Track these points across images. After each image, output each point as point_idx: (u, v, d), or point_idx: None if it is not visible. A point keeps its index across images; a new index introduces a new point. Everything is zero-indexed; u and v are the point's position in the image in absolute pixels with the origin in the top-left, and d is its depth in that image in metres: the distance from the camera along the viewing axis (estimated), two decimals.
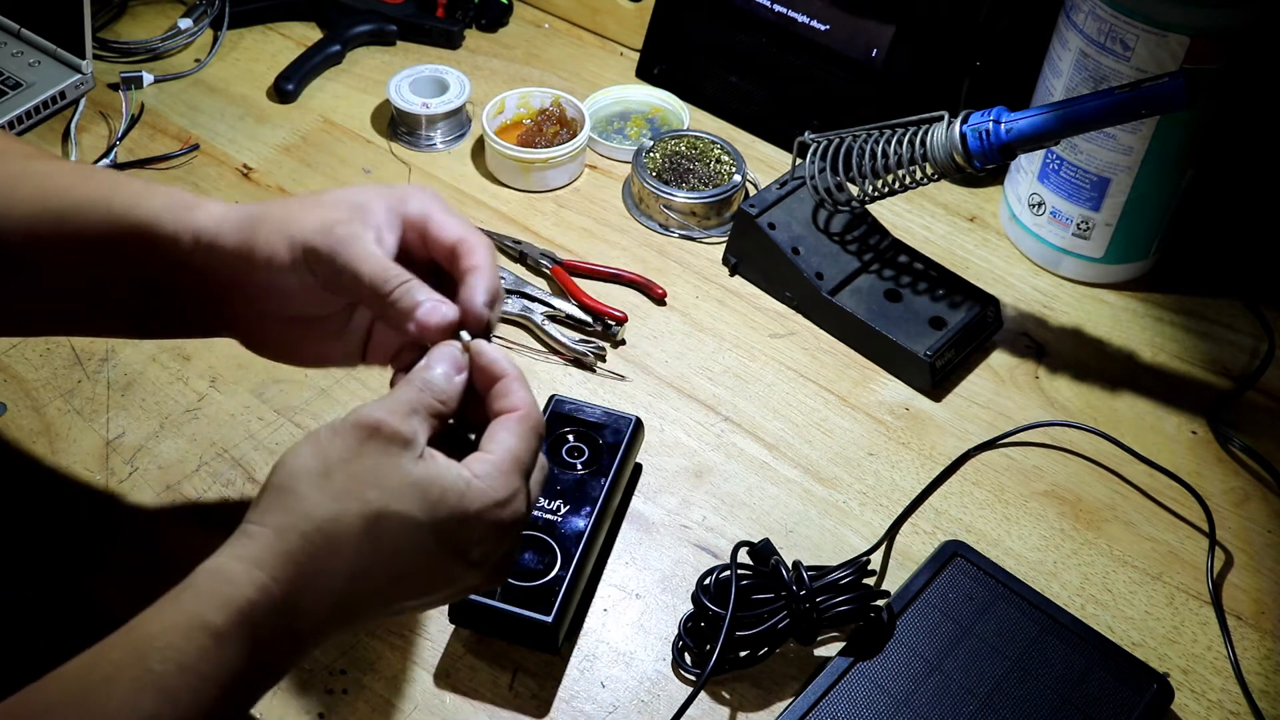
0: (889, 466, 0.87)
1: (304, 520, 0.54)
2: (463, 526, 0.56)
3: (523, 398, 0.60)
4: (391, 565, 0.56)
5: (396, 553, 0.55)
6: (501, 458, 0.58)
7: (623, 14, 1.20)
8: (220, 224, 0.64)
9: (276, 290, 0.64)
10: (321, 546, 0.54)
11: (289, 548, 0.54)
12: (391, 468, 0.55)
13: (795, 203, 0.98)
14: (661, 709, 0.73)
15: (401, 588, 0.57)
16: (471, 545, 0.57)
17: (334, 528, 0.54)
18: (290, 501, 0.55)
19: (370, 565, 0.55)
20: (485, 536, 0.57)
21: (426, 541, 0.56)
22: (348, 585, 0.55)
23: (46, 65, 1.10)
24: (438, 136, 1.09)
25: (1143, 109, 0.81)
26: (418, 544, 0.56)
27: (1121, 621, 0.79)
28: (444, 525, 0.56)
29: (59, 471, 0.82)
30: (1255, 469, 0.88)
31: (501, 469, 0.57)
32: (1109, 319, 0.99)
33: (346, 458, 0.56)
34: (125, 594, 0.76)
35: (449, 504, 0.56)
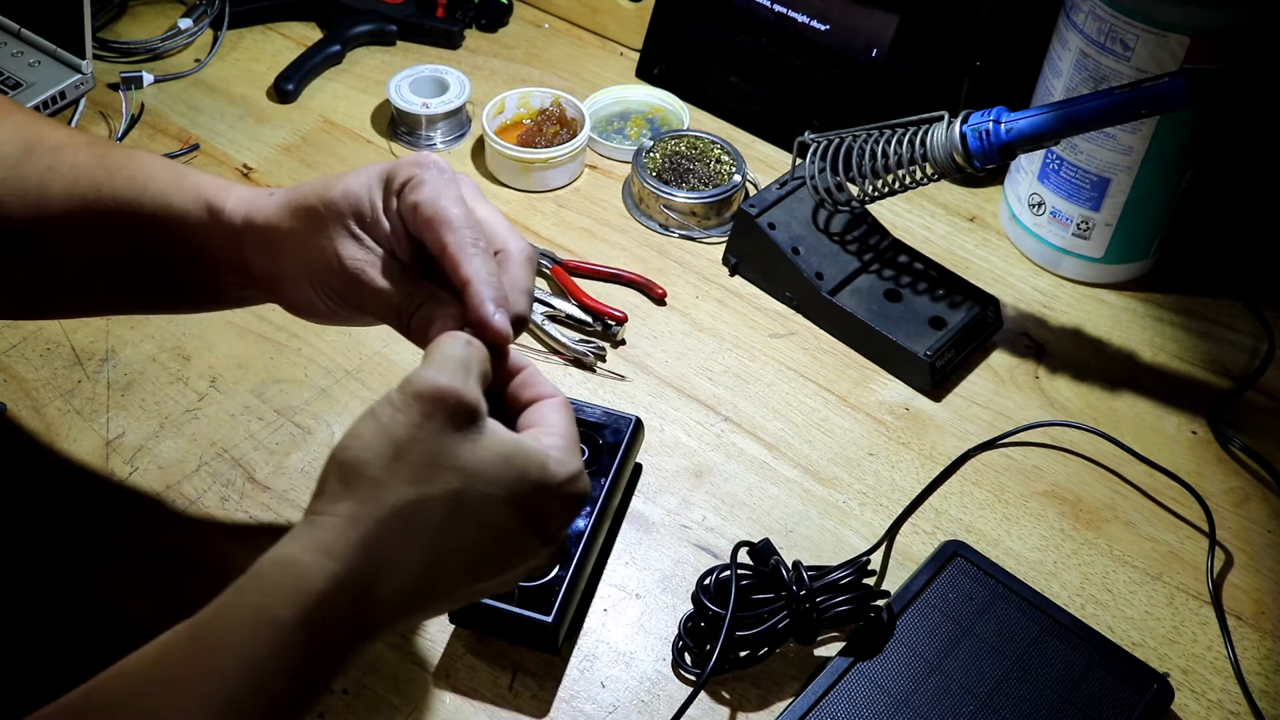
0: (889, 466, 0.87)
1: (379, 506, 0.52)
2: (546, 499, 0.55)
3: (552, 386, 0.60)
4: (473, 547, 0.54)
5: (480, 532, 0.54)
6: (563, 435, 0.57)
7: (623, 14, 1.20)
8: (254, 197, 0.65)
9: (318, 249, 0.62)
10: (399, 532, 0.52)
11: (363, 535, 0.51)
12: (467, 443, 0.53)
13: (795, 203, 0.98)
14: (661, 709, 0.73)
15: (481, 568, 0.55)
16: (550, 519, 0.56)
17: (412, 512, 0.52)
18: (362, 487, 0.52)
19: (451, 548, 0.53)
20: (563, 510, 0.57)
21: (511, 519, 0.54)
22: (427, 570, 0.53)
23: (46, 65, 1.10)
24: (438, 136, 1.09)
25: (1143, 109, 0.81)
26: (501, 522, 0.54)
27: (1121, 621, 0.79)
28: (528, 500, 0.54)
29: (59, 472, 0.82)
30: (1255, 469, 0.88)
31: (567, 446, 0.57)
32: (1109, 319, 0.99)
33: (417, 436, 0.52)
34: (126, 593, 0.76)
35: (531, 478, 0.54)
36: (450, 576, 0.54)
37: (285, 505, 0.81)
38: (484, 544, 0.54)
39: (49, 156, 0.68)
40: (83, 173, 0.67)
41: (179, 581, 0.77)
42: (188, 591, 0.76)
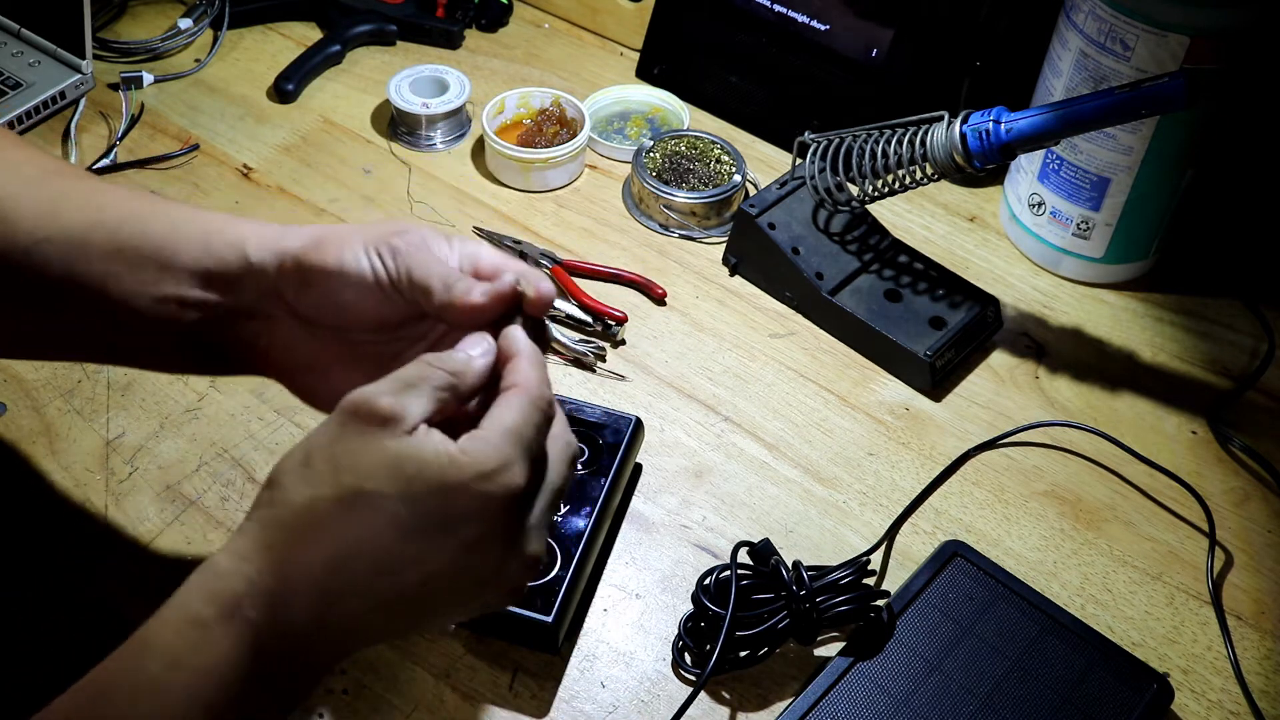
0: (889, 466, 0.87)
1: (283, 509, 0.53)
2: (444, 502, 0.53)
3: (525, 374, 0.57)
4: (371, 548, 0.53)
5: (373, 533, 0.52)
6: (491, 429, 0.54)
7: (623, 14, 1.20)
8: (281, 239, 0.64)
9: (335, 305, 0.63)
10: (299, 535, 0.52)
11: (270, 539, 0.53)
12: (368, 447, 0.53)
13: (795, 203, 0.98)
14: (661, 709, 0.73)
15: (391, 574, 0.53)
16: (458, 522, 0.53)
17: (310, 514, 0.52)
18: (273, 493, 0.54)
19: (349, 550, 0.52)
20: (473, 512, 0.53)
21: (403, 518, 0.52)
22: (331, 571, 0.52)
23: (46, 65, 1.10)
24: (438, 136, 1.09)
25: (1143, 109, 0.81)
26: (394, 522, 0.52)
27: (1121, 621, 0.79)
28: (421, 502, 0.52)
29: (59, 471, 0.82)
30: (1255, 469, 0.88)
31: (490, 441, 0.54)
32: (1109, 319, 0.99)
33: (326, 443, 0.54)
34: (126, 594, 0.76)
35: (425, 478, 0.52)
36: (360, 582, 0.53)
37: None
38: (384, 548, 0.53)
39: (67, 182, 0.67)
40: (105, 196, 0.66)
41: (179, 582, 0.77)
42: None
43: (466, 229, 1.02)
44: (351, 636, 0.55)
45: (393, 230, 0.62)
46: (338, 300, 0.62)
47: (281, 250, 0.63)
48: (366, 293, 0.62)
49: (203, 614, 0.52)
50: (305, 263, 0.62)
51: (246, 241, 0.64)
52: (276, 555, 0.52)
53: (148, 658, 0.51)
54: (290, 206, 1.03)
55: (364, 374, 0.59)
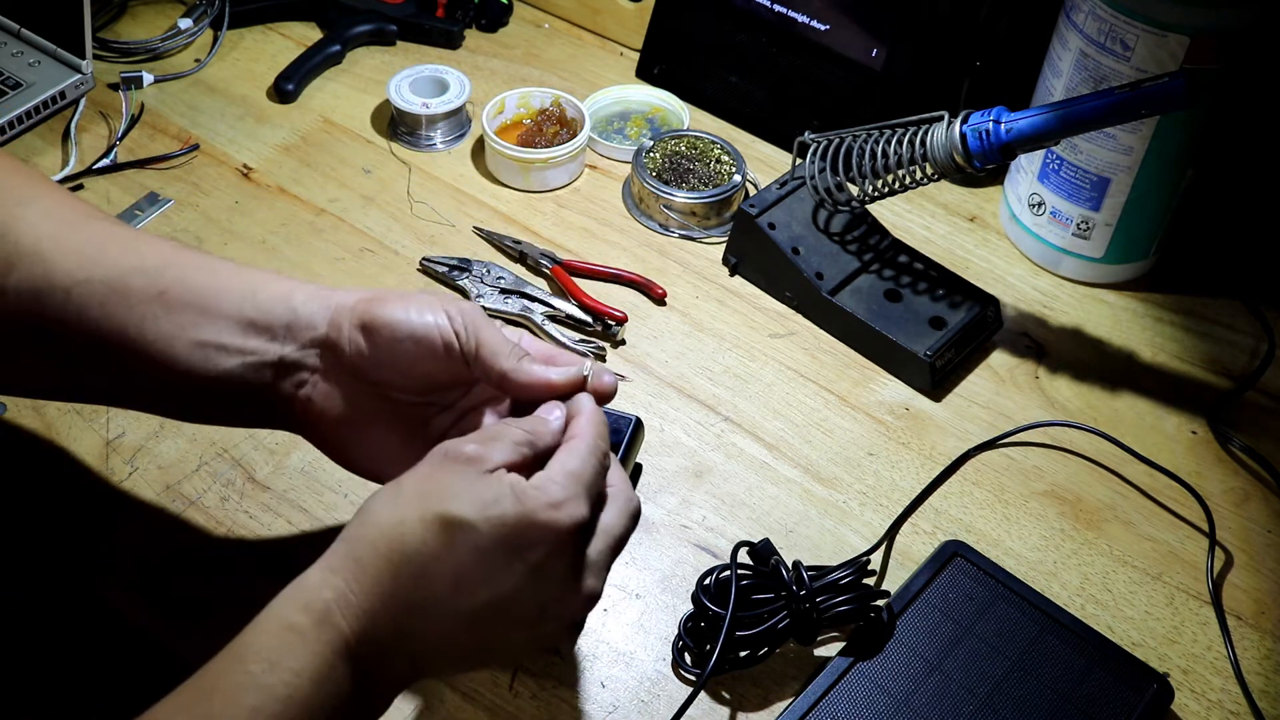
0: (889, 466, 0.87)
1: (371, 529, 0.58)
2: (517, 528, 0.58)
3: (585, 428, 0.63)
4: (452, 567, 0.57)
5: (454, 553, 0.57)
6: (556, 471, 0.60)
7: (623, 14, 1.20)
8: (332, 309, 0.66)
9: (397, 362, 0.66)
10: (385, 553, 0.57)
11: (358, 553, 0.58)
12: (454, 479, 0.59)
13: (795, 203, 0.98)
14: (661, 709, 0.73)
15: (468, 593, 0.58)
16: (528, 546, 0.58)
17: (396, 533, 0.57)
18: (363, 517, 0.59)
19: (432, 567, 0.57)
20: (541, 538, 0.58)
21: (483, 542, 0.57)
22: (414, 587, 0.57)
23: (46, 65, 1.10)
24: (438, 136, 1.09)
25: (1143, 109, 0.81)
26: (474, 545, 0.57)
27: (1121, 621, 0.79)
28: (500, 528, 0.58)
29: (59, 471, 0.82)
30: (1255, 469, 0.88)
31: (555, 479, 0.60)
32: (1109, 319, 0.99)
33: (418, 477, 0.60)
34: (126, 594, 0.76)
35: (502, 506, 0.58)
36: (439, 596, 0.58)
37: (285, 505, 0.81)
38: (462, 564, 0.58)
39: (106, 225, 0.68)
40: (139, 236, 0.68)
41: (179, 581, 0.77)
42: (187, 592, 0.77)
43: (466, 229, 1.02)
44: (426, 655, 0.60)
45: (453, 297, 0.67)
46: (396, 352, 0.65)
47: (335, 304, 0.67)
48: (427, 350, 0.65)
49: (297, 621, 0.56)
50: (373, 312, 0.65)
51: (294, 294, 0.67)
52: (364, 569, 0.57)
53: (248, 660, 0.56)
54: (290, 206, 1.03)
55: (400, 434, 0.68)
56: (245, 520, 0.80)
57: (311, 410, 0.68)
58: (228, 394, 0.67)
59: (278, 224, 1.01)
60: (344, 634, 0.56)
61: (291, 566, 0.78)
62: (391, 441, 0.68)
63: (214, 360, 0.66)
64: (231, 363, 0.66)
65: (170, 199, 1.02)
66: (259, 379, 0.66)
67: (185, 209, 1.02)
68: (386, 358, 0.65)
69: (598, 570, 0.61)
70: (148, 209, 1.01)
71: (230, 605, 0.76)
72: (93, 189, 1.03)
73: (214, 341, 0.66)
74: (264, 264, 0.97)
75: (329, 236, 1.00)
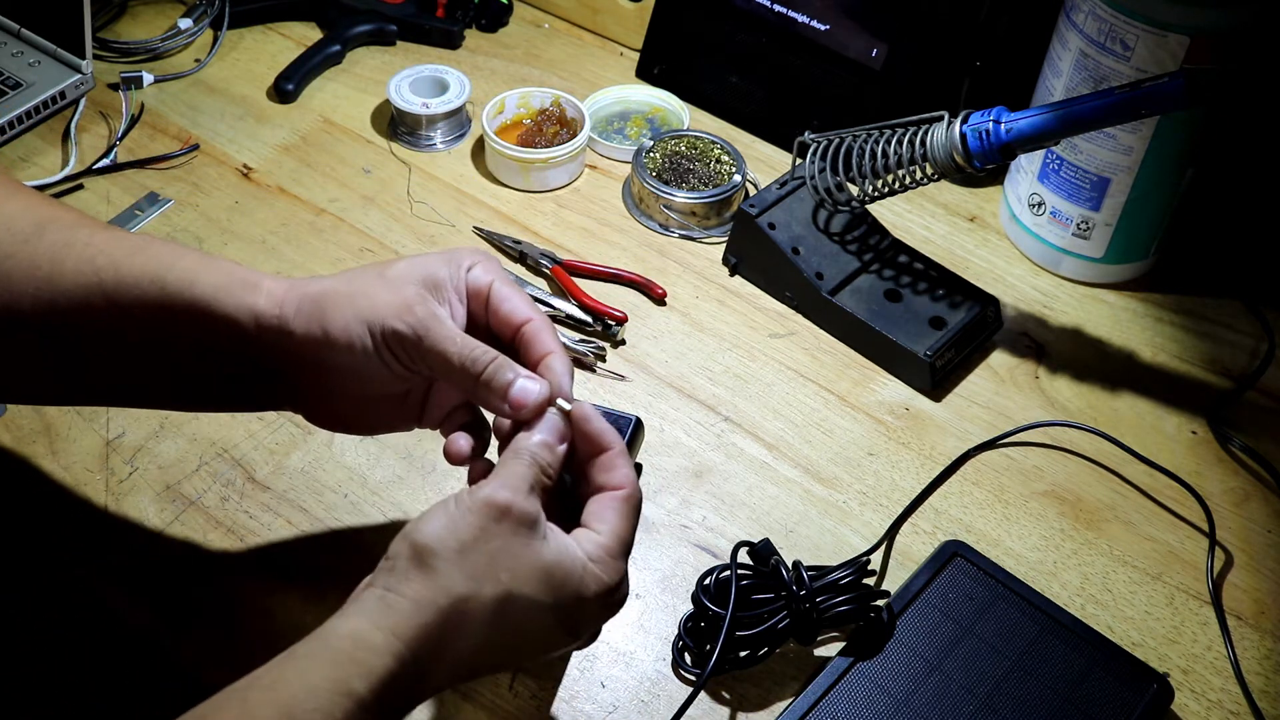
0: (889, 466, 0.87)
1: (442, 595, 0.57)
2: (579, 608, 0.61)
3: (626, 475, 0.64)
4: (513, 640, 0.60)
5: (519, 631, 0.59)
6: (612, 542, 0.62)
7: (623, 14, 1.20)
8: (283, 306, 0.64)
9: (349, 368, 0.65)
10: (454, 621, 0.57)
11: (426, 620, 0.57)
12: (522, 550, 0.59)
13: (795, 203, 0.98)
14: (661, 709, 0.73)
15: (516, 656, 0.63)
16: (583, 624, 0.62)
17: (468, 605, 0.58)
18: (430, 575, 0.57)
19: (495, 640, 0.59)
20: (598, 616, 0.62)
21: (547, 620, 0.60)
22: (472, 657, 0.59)
23: (46, 65, 1.10)
24: (438, 136, 1.09)
25: (1143, 109, 0.81)
26: (540, 624, 0.60)
27: (1121, 621, 0.79)
28: (564, 607, 0.60)
29: (59, 471, 0.82)
30: (1255, 469, 0.88)
31: (612, 553, 0.62)
32: (1109, 319, 0.99)
33: (481, 537, 0.58)
34: (125, 594, 0.76)
35: (570, 589, 0.60)
36: (490, 662, 0.61)
37: (285, 505, 0.81)
38: (524, 639, 0.60)
39: (64, 233, 0.66)
40: (100, 249, 0.65)
41: (178, 582, 0.77)
42: (187, 592, 0.77)
43: (466, 229, 1.02)
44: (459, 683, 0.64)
45: (394, 311, 0.64)
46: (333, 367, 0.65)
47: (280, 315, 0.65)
48: (369, 368, 0.65)
49: (358, 690, 0.54)
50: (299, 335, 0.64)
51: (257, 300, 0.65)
52: (430, 638, 0.57)
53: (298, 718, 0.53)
54: (290, 206, 1.03)
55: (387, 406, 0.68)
56: (245, 520, 0.80)
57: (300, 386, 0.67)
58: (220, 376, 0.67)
59: (278, 224, 1.01)
60: (399, 700, 0.57)
61: (291, 566, 0.79)
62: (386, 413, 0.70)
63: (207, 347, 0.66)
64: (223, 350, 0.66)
65: (170, 199, 1.02)
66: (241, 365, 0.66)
67: (185, 209, 1.02)
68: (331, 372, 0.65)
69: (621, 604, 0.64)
70: (148, 209, 1.01)
71: (230, 606, 0.76)
72: (93, 189, 1.03)
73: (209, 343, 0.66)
74: (264, 264, 0.97)
75: (329, 236, 1.00)
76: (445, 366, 0.63)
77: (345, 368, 0.64)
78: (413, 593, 0.57)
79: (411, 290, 0.64)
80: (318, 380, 0.66)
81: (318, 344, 0.64)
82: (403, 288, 0.64)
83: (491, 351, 0.64)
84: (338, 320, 0.63)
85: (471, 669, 0.60)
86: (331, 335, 0.63)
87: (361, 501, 0.82)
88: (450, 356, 0.63)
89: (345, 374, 0.65)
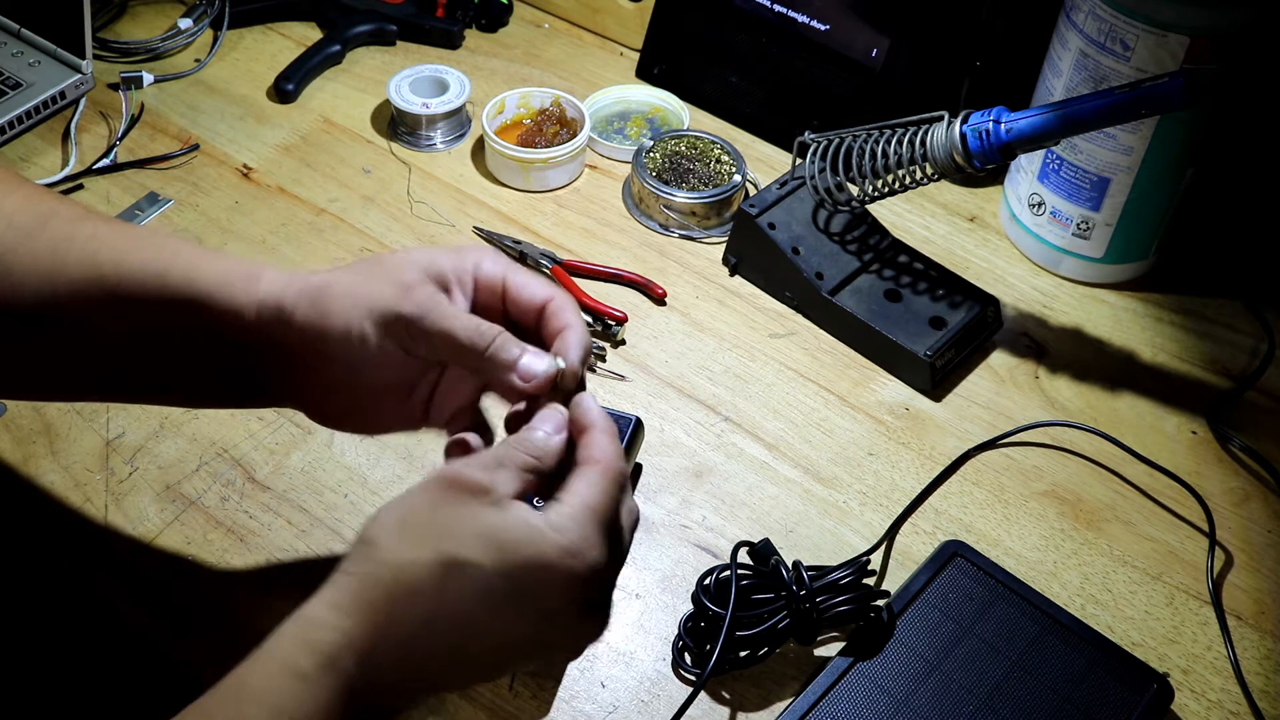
0: (889, 466, 0.87)
1: (381, 567, 0.56)
2: (533, 574, 0.56)
3: (604, 448, 0.60)
4: (461, 613, 0.56)
5: (464, 599, 0.56)
6: (575, 508, 0.58)
7: (623, 14, 1.20)
8: (283, 297, 0.64)
9: (350, 361, 0.64)
10: (397, 593, 0.55)
11: (369, 594, 0.55)
12: (465, 515, 0.56)
13: (795, 203, 0.98)
14: (661, 709, 0.73)
15: (476, 638, 0.57)
16: (543, 595, 0.57)
17: (408, 575, 0.55)
18: (371, 550, 0.56)
19: (441, 612, 0.56)
20: (557, 586, 0.57)
21: (495, 588, 0.56)
22: (422, 632, 0.55)
23: (46, 65, 1.10)
24: (438, 136, 1.09)
25: (1143, 109, 0.81)
26: (486, 591, 0.56)
27: (1121, 621, 0.79)
28: (514, 573, 0.56)
29: (59, 471, 0.82)
30: (1255, 469, 0.88)
31: (575, 518, 0.57)
32: (1109, 319, 0.99)
33: (425, 508, 0.57)
34: (125, 595, 0.76)
35: (521, 553, 0.56)
36: (447, 641, 0.56)
37: (285, 505, 0.81)
38: (473, 611, 0.56)
39: (66, 227, 0.66)
40: (103, 243, 0.65)
41: (178, 583, 0.77)
42: (187, 593, 0.77)
43: (466, 229, 1.02)
44: (427, 687, 0.59)
45: (395, 295, 0.63)
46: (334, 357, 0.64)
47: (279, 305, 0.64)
48: (371, 360, 0.64)
49: (303, 665, 0.53)
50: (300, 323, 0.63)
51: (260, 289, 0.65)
52: (374, 611, 0.55)
53: (245, 701, 0.53)
54: (290, 206, 1.03)
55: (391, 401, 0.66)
56: (245, 520, 0.80)
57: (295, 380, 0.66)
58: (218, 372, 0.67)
59: (278, 224, 1.01)
60: (349, 679, 0.54)
61: (291, 567, 0.79)
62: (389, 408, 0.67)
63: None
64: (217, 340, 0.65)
65: (170, 199, 1.02)
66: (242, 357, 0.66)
67: (185, 209, 1.02)
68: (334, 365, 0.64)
69: (607, 602, 0.60)
70: (148, 209, 1.01)
71: (229, 606, 0.76)
72: (93, 189, 1.03)
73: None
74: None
75: (329, 236, 1.00)
76: (451, 344, 0.62)
77: (347, 358, 0.64)
78: (357, 568, 0.56)
79: (412, 275, 0.63)
80: (320, 373, 0.65)
81: (318, 333, 0.63)
82: (404, 273, 0.63)
83: (496, 327, 0.63)
84: (338, 309, 0.63)
85: (431, 652, 0.56)
86: (331, 323, 0.63)
87: (361, 501, 0.82)
88: (456, 332, 0.62)
89: (347, 365, 0.64)
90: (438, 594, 0.55)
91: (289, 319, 0.63)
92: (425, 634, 0.55)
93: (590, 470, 0.59)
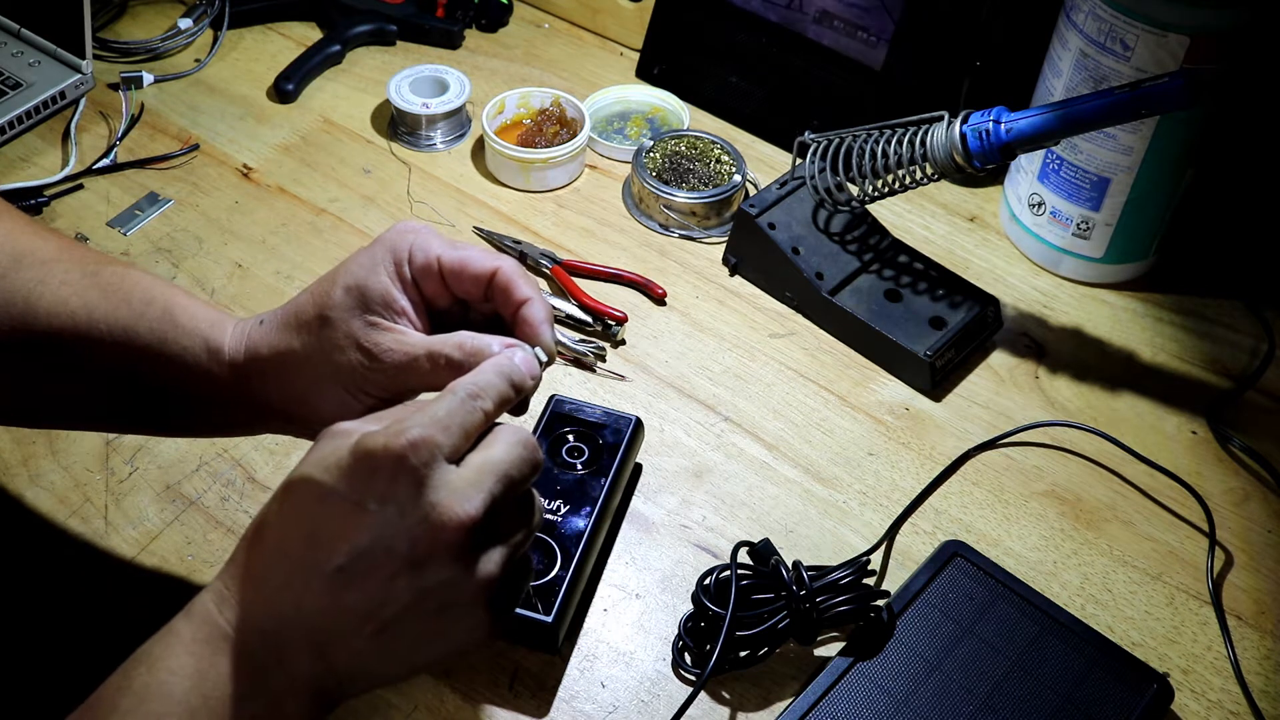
0: (889, 466, 0.87)
1: (249, 527, 0.57)
2: (354, 464, 0.54)
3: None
4: (300, 526, 0.54)
5: (297, 510, 0.55)
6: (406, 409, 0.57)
7: (623, 14, 1.20)
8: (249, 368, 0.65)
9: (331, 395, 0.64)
10: (249, 539, 0.56)
11: (234, 552, 0.57)
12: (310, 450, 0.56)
13: (795, 203, 0.98)
14: (661, 709, 0.73)
15: (322, 548, 0.53)
16: (367, 480, 0.53)
17: (259, 519, 0.56)
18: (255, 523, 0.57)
19: (283, 535, 0.55)
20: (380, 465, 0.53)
21: (322, 490, 0.54)
22: (276, 563, 0.54)
23: (46, 65, 1.10)
24: (438, 136, 1.09)
25: (1143, 109, 0.81)
26: (315, 494, 0.54)
27: (1121, 621, 0.79)
28: (335, 469, 0.54)
29: (59, 471, 0.82)
30: (1255, 469, 0.88)
31: (401, 417, 0.55)
32: (1109, 319, 0.99)
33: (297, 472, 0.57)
34: (126, 594, 0.76)
35: (340, 452, 0.54)
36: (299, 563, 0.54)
37: None
38: (311, 519, 0.54)
39: (38, 270, 0.67)
40: (74, 290, 0.66)
41: (179, 582, 0.77)
42: (188, 593, 0.76)
43: (466, 229, 1.02)
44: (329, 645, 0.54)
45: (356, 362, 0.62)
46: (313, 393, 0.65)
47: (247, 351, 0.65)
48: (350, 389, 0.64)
49: (176, 624, 0.56)
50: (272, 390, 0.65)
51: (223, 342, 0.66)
52: (235, 561, 0.56)
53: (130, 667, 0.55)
54: (290, 206, 1.03)
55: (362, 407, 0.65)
56: (245, 520, 0.80)
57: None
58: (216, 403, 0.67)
59: (278, 224, 1.01)
60: (221, 629, 0.54)
61: None
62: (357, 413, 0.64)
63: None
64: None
65: (170, 199, 1.02)
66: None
67: (185, 209, 1.02)
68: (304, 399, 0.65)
69: (464, 494, 0.54)
70: (148, 209, 1.01)
71: None
72: (93, 189, 1.03)
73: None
74: (264, 264, 0.97)
75: (329, 236, 1.00)
76: (427, 377, 0.62)
77: (330, 410, 0.64)
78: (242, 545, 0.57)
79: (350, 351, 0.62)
80: (303, 405, 0.66)
81: (294, 398, 0.65)
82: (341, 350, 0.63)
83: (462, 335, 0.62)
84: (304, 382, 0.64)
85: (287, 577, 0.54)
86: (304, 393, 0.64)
87: None
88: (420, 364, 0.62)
89: (329, 398, 0.65)
90: (277, 519, 0.55)
91: (259, 382, 0.65)
92: (278, 561, 0.54)
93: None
